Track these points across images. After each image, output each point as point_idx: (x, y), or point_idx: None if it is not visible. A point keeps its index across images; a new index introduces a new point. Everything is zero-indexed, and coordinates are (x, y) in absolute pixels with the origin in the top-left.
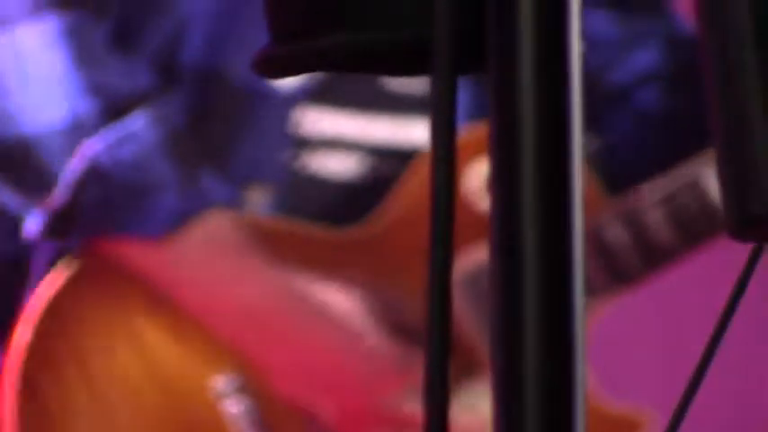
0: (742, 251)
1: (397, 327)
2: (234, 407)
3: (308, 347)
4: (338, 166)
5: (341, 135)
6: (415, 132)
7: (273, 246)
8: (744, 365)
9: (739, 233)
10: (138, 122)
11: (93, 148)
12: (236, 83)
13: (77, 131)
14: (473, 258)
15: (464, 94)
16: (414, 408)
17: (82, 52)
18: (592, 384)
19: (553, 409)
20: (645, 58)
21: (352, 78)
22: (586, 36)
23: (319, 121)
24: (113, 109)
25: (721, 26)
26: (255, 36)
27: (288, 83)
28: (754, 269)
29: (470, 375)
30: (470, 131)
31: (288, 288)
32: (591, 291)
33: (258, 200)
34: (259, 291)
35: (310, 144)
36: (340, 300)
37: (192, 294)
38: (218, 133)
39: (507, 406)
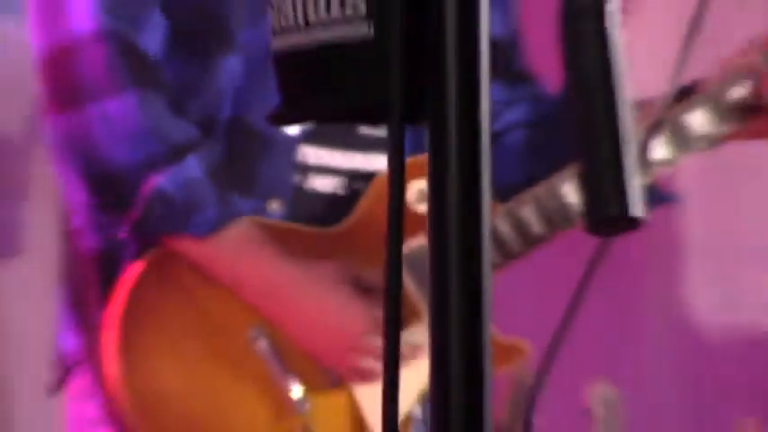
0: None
1: (364, 290)
2: (261, 346)
3: (306, 307)
4: (326, 186)
5: (328, 164)
6: (377, 162)
7: (283, 240)
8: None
9: (593, 231)
10: (189, 161)
11: (159, 179)
12: (257, 130)
13: (150, 167)
14: (413, 244)
15: (409, 136)
16: (376, 343)
17: (150, 115)
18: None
19: (470, 349)
20: (515, 112)
21: (336, 126)
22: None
23: (313, 154)
24: (173, 152)
25: (579, 81)
26: (269, 96)
27: (292, 129)
28: (603, 255)
29: (413, 320)
30: (412, 161)
31: (292, 268)
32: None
33: (273, 210)
34: (273, 270)
35: (308, 170)
36: (327, 273)
37: (228, 273)
38: (245, 165)
39: (440, 351)
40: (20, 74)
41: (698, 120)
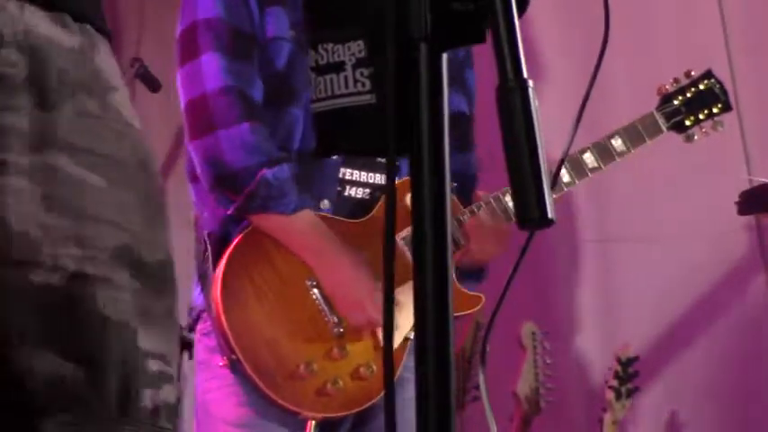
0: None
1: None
2: (314, 290)
3: (340, 265)
4: (357, 193)
5: (358, 179)
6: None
7: (330, 225)
8: None
9: (523, 227)
10: (283, 166)
11: (265, 172)
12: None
13: (258, 169)
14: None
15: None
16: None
17: (258, 137)
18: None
19: (439, 300)
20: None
21: (359, 158)
22: None
23: (349, 173)
24: (272, 160)
25: (510, 134)
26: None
27: (335, 156)
28: (530, 242)
29: (408, 277)
30: (405, 180)
31: (334, 242)
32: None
33: (324, 206)
34: (322, 242)
35: (345, 183)
36: (355, 261)
37: (297, 241)
38: (308, 178)
39: (421, 301)
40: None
41: (588, 157)
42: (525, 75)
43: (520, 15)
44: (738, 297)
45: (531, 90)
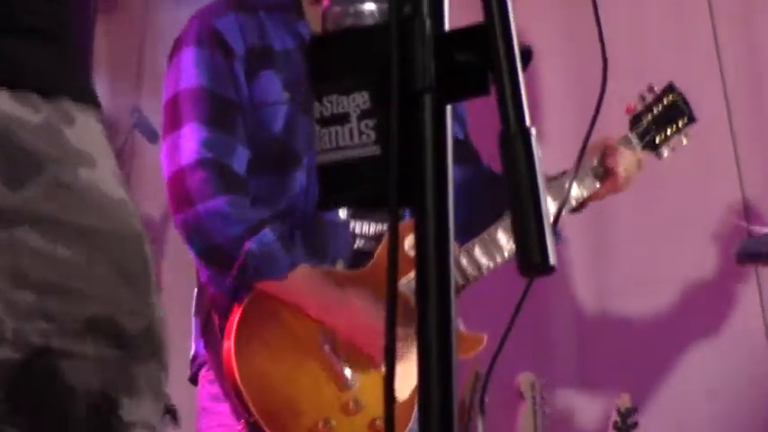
0: None
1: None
2: (325, 345)
3: (350, 316)
4: (366, 245)
5: (367, 232)
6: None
7: (333, 277)
8: None
9: (525, 273)
10: (265, 232)
11: (249, 244)
12: (325, 218)
13: (241, 238)
14: (410, 276)
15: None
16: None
17: (237, 208)
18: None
19: (443, 346)
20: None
21: (366, 210)
22: None
23: (359, 225)
24: (253, 227)
25: (514, 179)
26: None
27: (342, 213)
28: (529, 290)
29: (413, 317)
30: (408, 222)
31: (338, 293)
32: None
33: (340, 267)
34: (330, 296)
35: (356, 236)
36: (362, 296)
37: (299, 299)
38: (321, 240)
39: (424, 345)
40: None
41: (575, 191)
42: (528, 123)
43: (524, 68)
44: (737, 346)
45: (533, 138)
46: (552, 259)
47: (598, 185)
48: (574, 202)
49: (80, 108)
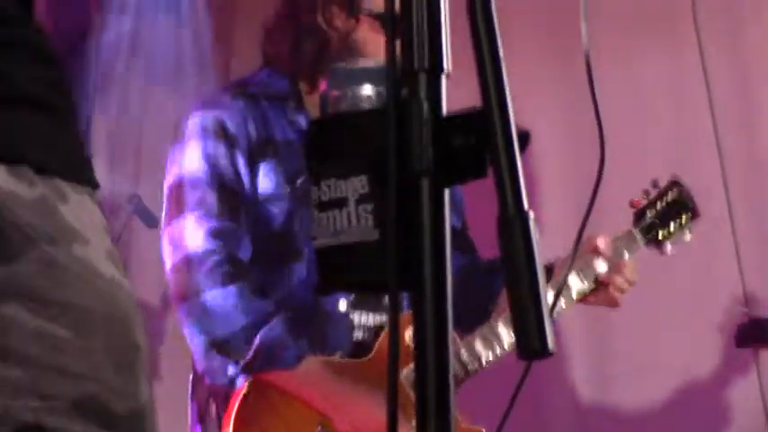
0: None
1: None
2: None
3: (350, 408)
4: (362, 335)
5: (365, 323)
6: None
7: (334, 368)
8: None
9: (523, 357)
10: (274, 322)
11: (256, 337)
12: (324, 309)
13: (248, 330)
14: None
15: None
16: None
17: (244, 298)
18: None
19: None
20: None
21: (366, 301)
22: None
23: (357, 315)
24: (261, 320)
25: (511, 262)
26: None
27: (342, 304)
28: (527, 374)
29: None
30: (408, 314)
31: (340, 384)
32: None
33: (338, 356)
34: (331, 387)
35: (353, 326)
36: (362, 388)
37: (303, 390)
38: (321, 332)
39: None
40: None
41: (572, 278)
42: (526, 206)
43: (522, 151)
44: (737, 429)
45: (532, 221)
46: (551, 344)
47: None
48: (575, 296)
49: (73, 189)
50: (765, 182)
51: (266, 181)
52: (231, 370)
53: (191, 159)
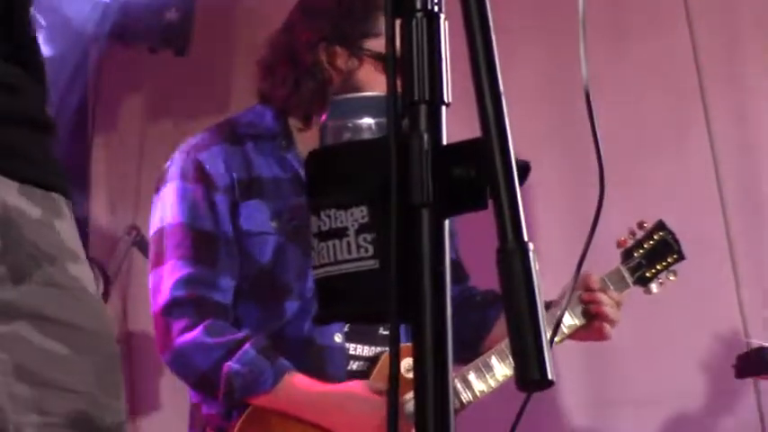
0: None
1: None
2: None
3: (347, 415)
4: (358, 366)
5: (361, 353)
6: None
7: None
8: None
9: (523, 388)
10: (246, 348)
11: (231, 364)
12: (320, 342)
13: (222, 360)
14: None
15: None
16: None
17: (215, 334)
18: None
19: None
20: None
21: (363, 326)
22: None
23: (353, 347)
24: (233, 348)
25: (510, 294)
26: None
27: (338, 338)
28: (527, 404)
29: None
30: (406, 346)
31: (334, 394)
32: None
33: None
34: (324, 398)
35: (350, 357)
36: (356, 398)
37: (292, 407)
38: (319, 368)
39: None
40: None
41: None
42: (525, 238)
43: (521, 182)
44: None
45: (531, 253)
46: (551, 374)
47: (584, 322)
48: (566, 330)
49: (60, 198)
50: (765, 211)
51: (252, 220)
52: None
53: (171, 206)
